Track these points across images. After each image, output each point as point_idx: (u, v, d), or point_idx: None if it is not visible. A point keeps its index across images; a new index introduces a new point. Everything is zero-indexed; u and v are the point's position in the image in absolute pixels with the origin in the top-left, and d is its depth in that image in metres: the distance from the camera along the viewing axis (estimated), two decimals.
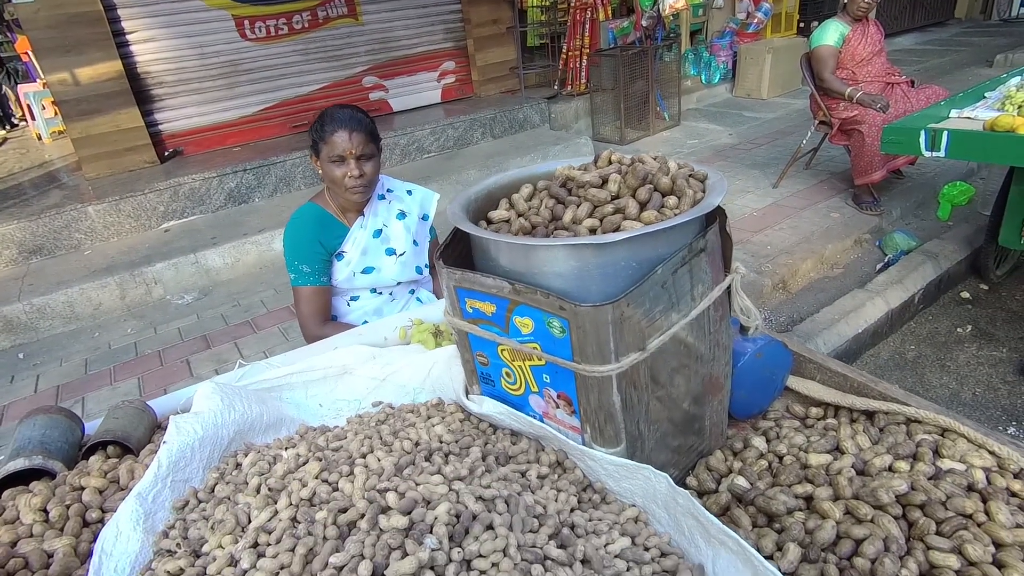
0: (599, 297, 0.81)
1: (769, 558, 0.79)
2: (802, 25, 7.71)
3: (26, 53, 7.97)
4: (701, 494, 0.99)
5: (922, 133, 2.48)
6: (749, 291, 3.21)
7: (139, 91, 4.82)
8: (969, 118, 2.73)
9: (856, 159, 3.79)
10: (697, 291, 0.89)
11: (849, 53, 3.82)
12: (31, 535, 0.86)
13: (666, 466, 1.00)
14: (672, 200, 0.88)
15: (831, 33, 3.83)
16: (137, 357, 3.24)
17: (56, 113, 6.67)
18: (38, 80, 7.52)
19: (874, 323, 3.01)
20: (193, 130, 5.19)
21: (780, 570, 0.72)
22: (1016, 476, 0.91)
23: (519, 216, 0.97)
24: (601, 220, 0.89)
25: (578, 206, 0.92)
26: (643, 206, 0.88)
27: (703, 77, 7.19)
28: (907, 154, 3.04)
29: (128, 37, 4.73)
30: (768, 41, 7.08)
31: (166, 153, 5.08)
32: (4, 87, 8.07)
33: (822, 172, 4.51)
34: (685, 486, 1.01)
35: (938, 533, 0.77)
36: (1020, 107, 2.47)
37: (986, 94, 3.03)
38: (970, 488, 0.87)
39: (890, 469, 0.90)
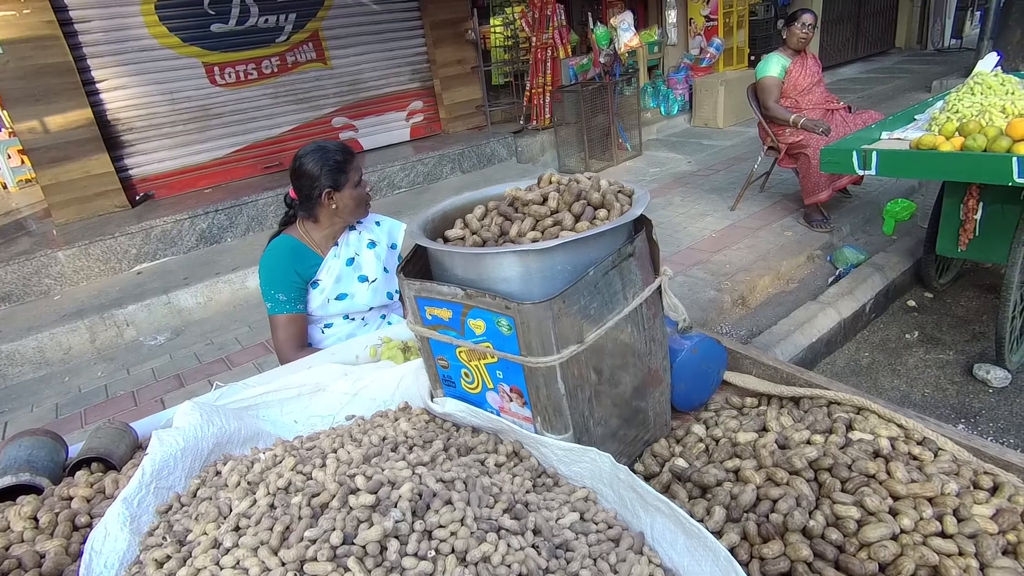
0: (541, 298, 0.92)
1: (700, 521, 0.89)
2: (752, 59, 8.13)
3: None
4: (647, 478, 1.09)
5: (854, 153, 2.68)
6: (710, 307, 3.36)
7: (109, 137, 4.89)
8: (899, 139, 2.95)
9: (804, 180, 4.02)
10: (629, 291, 1.01)
11: (791, 83, 4.10)
12: (22, 540, 0.92)
13: (616, 456, 1.09)
14: (603, 212, 1.01)
15: (773, 65, 4.12)
16: (108, 399, 3.24)
17: (23, 162, 6.68)
18: (3, 130, 7.54)
19: (827, 332, 3.17)
20: (164, 174, 5.26)
21: (708, 529, 0.82)
22: (919, 444, 1.03)
23: (472, 233, 1.08)
24: (543, 232, 1.01)
25: (522, 221, 1.03)
26: (577, 218, 1.00)
27: (662, 109, 7.51)
28: (842, 173, 3.26)
29: (98, 86, 4.83)
30: (721, 74, 7.45)
31: (137, 197, 5.13)
32: None
33: (775, 194, 4.74)
34: (634, 472, 1.11)
35: (843, 491, 0.88)
36: (942, 127, 2.69)
37: (916, 116, 3.27)
38: (876, 454, 0.98)
39: (808, 443, 1.02)
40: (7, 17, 4.28)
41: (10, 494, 1.08)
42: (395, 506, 0.78)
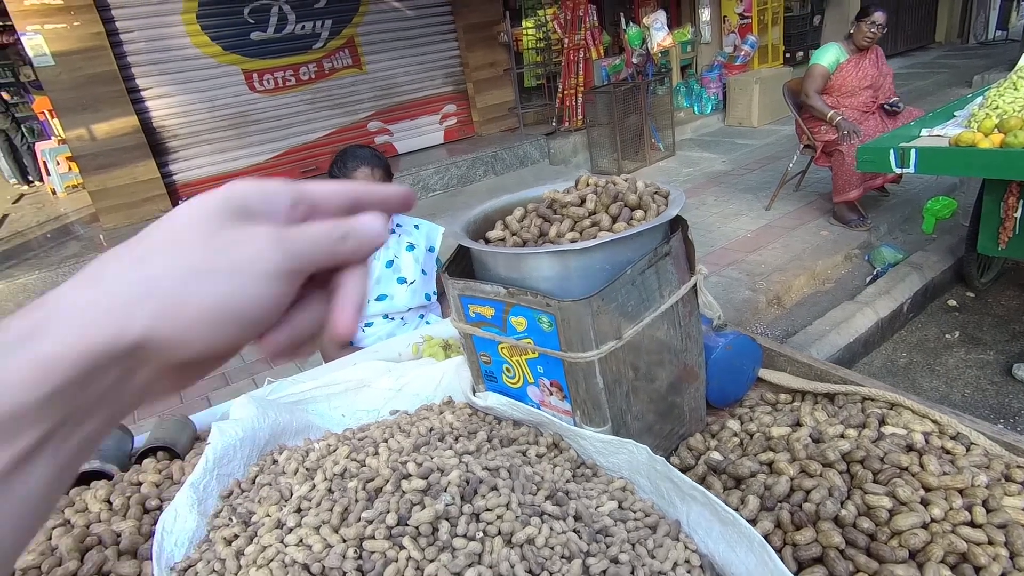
0: (580, 296, 0.97)
1: (735, 510, 0.92)
2: (788, 56, 8.02)
3: (42, 113, 8.39)
4: (683, 470, 1.12)
5: (891, 152, 2.66)
6: (745, 307, 3.35)
7: (154, 144, 5.09)
8: (938, 136, 2.90)
9: (836, 177, 3.97)
10: (665, 289, 1.05)
11: (839, 80, 3.97)
12: (100, 520, 1.00)
13: (653, 448, 1.13)
14: (639, 213, 1.04)
15: (828, 56, 3.98)
16: None
17: (71, 168, 6.98)
18: (53, 137, 7.89)
19: (865, 332, 3.13)
20: (207, 179, 5.45)
21: (743, 517, 0.85)
22: (953, 439, 1.05)
23: (512, 235, 1.13)
24: (581, 232, 1.05)
25: (561, 223, 1.08)
26: (615, 219, 1.04)
27: (695, 108, 7.46)
28: (879, 171, 3.21)
29: (143, 94, 5.03)
30: (756, 72, 7.37)
31: (180, 202, 5.32)
32: (20, 146, 8.45)
33: (811, 193, 4.69)
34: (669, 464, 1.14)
35: (875, 482, 0.91)
36: (981, 123, 2.65)
37: (955, 113, 3.21)
38: (910, 448, 1.00)
39: (841, 436, 1.04)
40: (59, 30, 4.49)
41: (80, 480, 1.17)
42: (445, 491, 0.84)
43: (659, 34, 6.18)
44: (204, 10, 5.10)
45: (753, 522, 0.87)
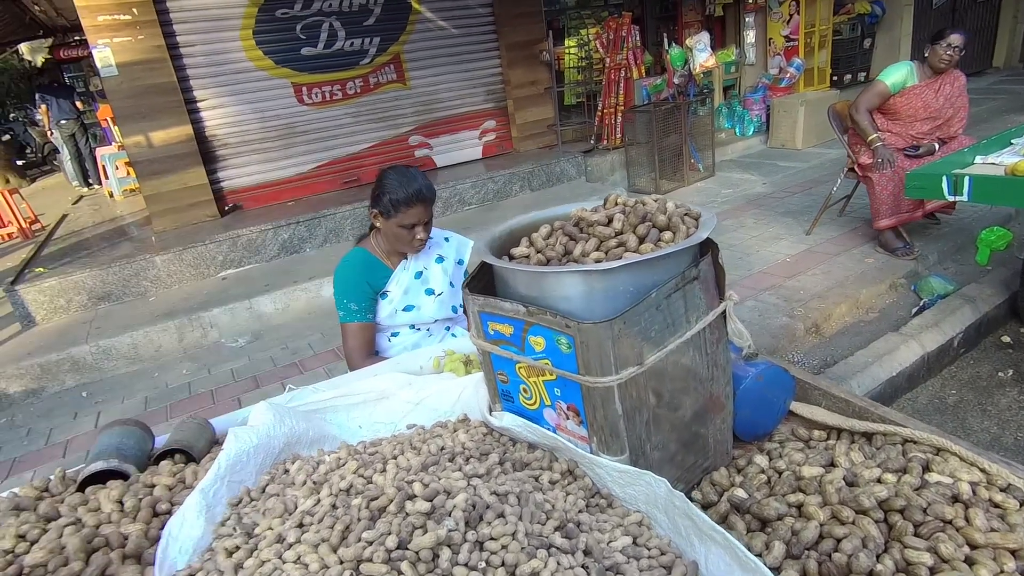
0: (603, 318, 0.93)
1: (758, 556, 0.86)
2: (835, 79, 7.83)
3: (105, 120, 8.81)
4: (705, 507, 1.06)
5: (944, 178, 2.54)
6: (781, 334, 3.24)
7: (205, 152, 5.26)
8: (993, 163, 2.77)
9: (871, 204, 3.82)
10: (692, 315, 1.00)
11: (899, 104, 3.73)
12: (110, 521, 1.00)
13: (673, 481, 1.08)
14: (668, 235, 1.01)
15: (896, 75, 3.72)
16: (191, 396, 3.45)
17: (128, 173, 7.27)
18: (113, 143, 8.26)
19: (909, 366, 2.98)
20: (252, 187, 5.60)
21: (766, 565, 0.80)
22: (1003, 490, 0.96)
23: (537, 252, 1.10)
24: (606, 253, 1.02)
25: (587, 241, 1.05)
26: (642, 240, 1.00)
27: (737, 130, 7.34)
28: (930, 198, 3.04)
29: (199, 104, 5.21)
30: (801, 94, 7.21)
31: (226, 208, 5.48)
32: (84, 151, 8.88)
33: (856, 219, 4.53)
34: (691, 500, 1.09)
35: (916, 535, 0.84)
36: None
37: (1012, 141, 3.07)
38: (955, 499, 0.92)
39: (879, 481, 0.97)
40: (124, 43, 4.70)
41: (101, 478, 1.18)
42: (449, 515, 0.81)
43: (702, 55, 6.12)
44: (260, 26, 5.28)
45: (777, 570, 0.81)
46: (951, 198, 2.56)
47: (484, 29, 6.23)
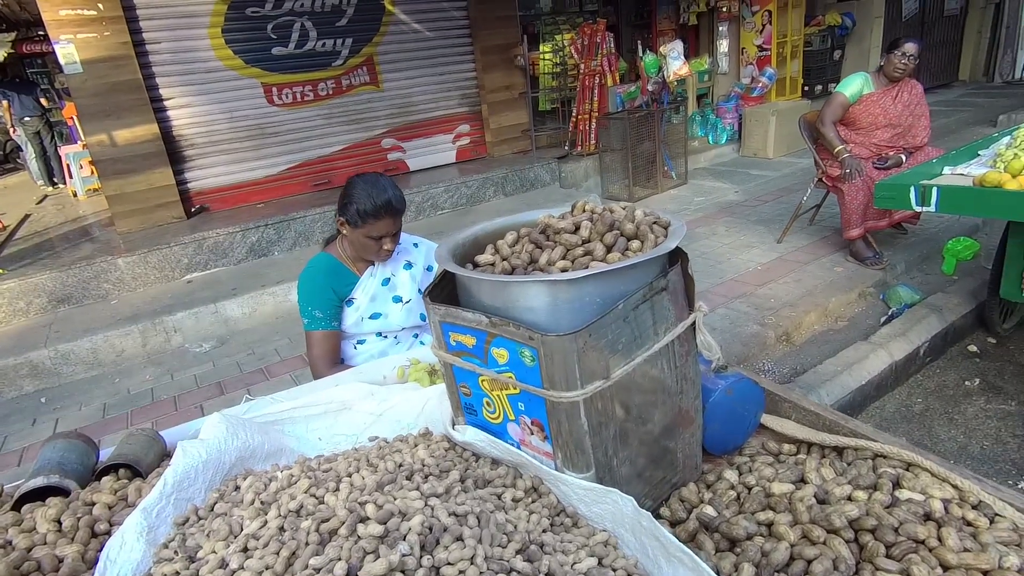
0: (568, 330, 0.89)
1: None
2: (806, 89, 7.96)
3: (71, 118, 8.56)
4: (673, 524, 1.03)
5: (912, 189, 2.57)
6: (752, 342, 3.25)
7: (172, 152, 5.12)
8: (961, 174, 2.81)
9: (841, 213, 3.89)
10: (660, 326, 0.97)
11: (859, 113, 3.81)
12: (45, 542, 0.93)
13: (641, 497, 1.05)
14: (636, 244, 0.97)
15: (852, 86, 3.82)
16: (153, 402, 3.34)
17: (92, 172, 7.06)
18: (79, 142, 8.03)
19: (878, 375, 3.01)
20: (220, 188, 5.47)
21: None
22: (975, 507, 0.95)
23: (503, 260, 1.06)
24: (572, 262, 0.98)
25: (553, 250, 1.01)
26: (609, 249, 0.97)
27: (710, 138, 7.42)
28: (899, 208, 3.10)
29: (165, 103, 5.07)
30: (773, 104, 7.31)
31: (193, 209, 5.34)
32: (49, 150, 8.63)
33: (826, 228, 4.59)
34: (659, 517, 1.05)
35: (888, 556, 0.81)
36: (1008, 163, 2.55)
37: (980, 152, 3.12)
38: (927, 517, 0.91)
39: (849, 499, 0.95)
40: (88, 39, 4.56)
41: (41, 495, 1.10)
42: (404, 539, 0.76)
43: (676, 63, 6.17)
44: (230, 25, 5.16)
45: None
46: (919, 208, 2.60)
47: (459, 33, 6.19)
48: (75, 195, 7.69)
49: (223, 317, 4.12)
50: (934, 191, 2.53)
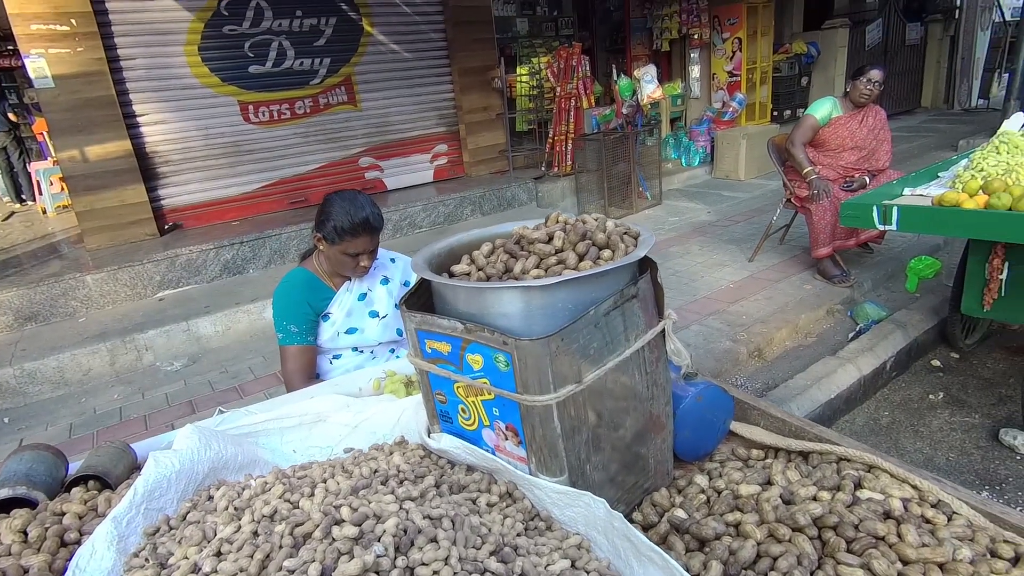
0: (541, 335, 0.91)
1: None
2: (775, 114, 8.21)
3: (41, 134, 8.41)
4: (645, 528, 1.05)
5: (874, 208, 2.66)
6: (725, 358, 3.30)
7: (145, 168, 5.07)
8: (921, 195, 2.92)
9: (810, 233, 4.00)
10: (631, 333, 1.00)
11: (827, 135, 3.95)
12: (9, 553, 0.91)
13: (614, 503, 1.06)
14: (607, 253, 1.01)
15: (822, 109, 3.96)
16: (122, 422, 3.26)
17: (63, 189, 6.94)
18: (49, 158, 7.89)
19: (846, 389, 3.08)
20: (195, 205, 5.42)
21: None
22: (933, 507, 0.99)
23: (479, 269, 1.09)
24: (546, 270, 1.01)
25: (527, 259, 1.04)
26: (581, 257, 1.00)
27: (683, 160, 7.58)
28: (862, 227, 3.20)
29: (139, 119, 5.03)
30: (743, 128, 7.52)
31: (166, 226, 5.27)
32: (16, 166, 8.46)
33: (795, 247, 4.71)
34: (632, 521, 1.07)
35: (849, 551, 0.84)
36: (966, 184, 2.67)
37: (939, 174, 3.25)
38: (887, 515, 0.94)
39: (814, 499, 0.98)
40: (62, 54, 4.52)
41: (7, 507, 1.08)
42: (378, 540, 0.77)
43: (649, 87, 6.32)
44: (207, 43, 5.16)
45: None
46: (881, 227, 2.69)
47: (437, 54, 6.27)
48: (44, 212, 7.54)
49: (195, 335, 4.06)
50: (895, 210, 2.63)
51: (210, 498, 1.05)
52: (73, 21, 4.49)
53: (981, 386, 3.26)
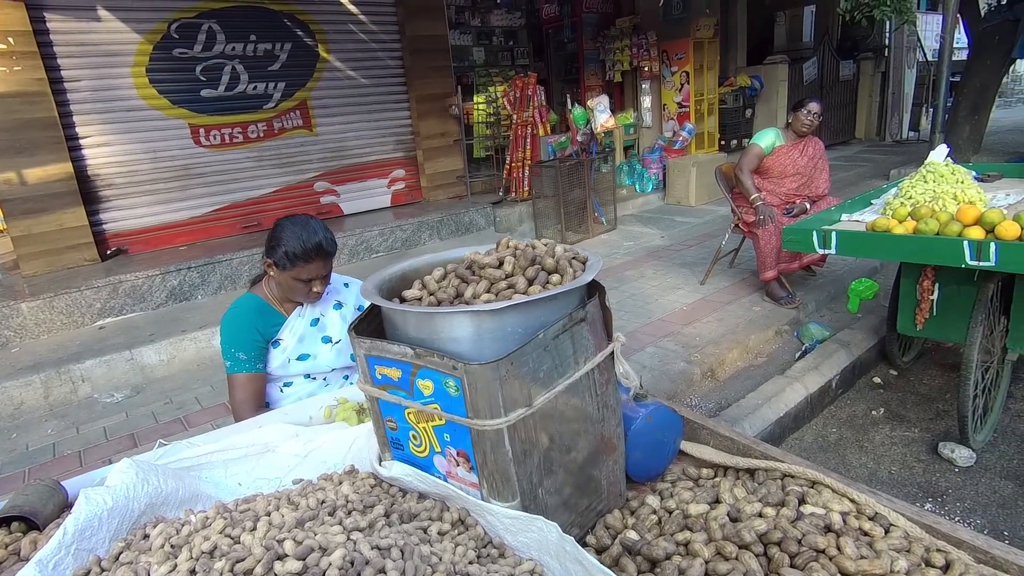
0: (491, 359, 0.92)
1: None
2: (723, 143, 8.53)
3: None
4: (599, 551, 1.05)
5: (814, 233, 2.79)
6: (680, 379, 3.36)
7: (87, 192, 4.89)
8: (856, 221, 3.07)
9: (757, 257, 4.16)
10: (580, 356, 1.01)
11: (770, 163, 4.17)
12: None
13: (568, 526, 1.06)
14: (556, 277, 1.02)
15: (766, 139, 4.19)
16: (55, 458, 3.09)
17: None
18: None
19: (795, 407, 3.18)
20: (141, 229, 5.24)
21: None
22: (871, 519, 1.02)
23: (430, 294, 1.09)
24: (497, 294, 1.02)
25: (478, 283, 1.04)
26: (531, 282, 1.01)
27: (637, 187, 7.77)
28: (804, 251, 3.35)
29: (81, 141, 4.87)
30: (693, 156, 7.77)
31: (108, 252, 5.08)
32: None
33: (744, 271, 4.86)
34: (585, 544, 1.07)
35: (792, 566, 0.86)
36: (895, 211, 2.82)
37: (872, 201, 3.43)
38: (828, 528, 0.97)
39: (760, 515, 1.00)
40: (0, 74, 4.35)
41: None
42: (324, 574, 0.74)
43: (602, 116, 6.49)
44: (155, 64, 5.06)
45: None
46: (821, 251, 2.81)
47: (394, 81, 6.31)
48: None
49: (139, 365, 3.89)
50: (833, 235, 2.75)
51: (146, 536, 1.00)
52: (10, 40, 4.35)
53: (919, 401, 3.40)
